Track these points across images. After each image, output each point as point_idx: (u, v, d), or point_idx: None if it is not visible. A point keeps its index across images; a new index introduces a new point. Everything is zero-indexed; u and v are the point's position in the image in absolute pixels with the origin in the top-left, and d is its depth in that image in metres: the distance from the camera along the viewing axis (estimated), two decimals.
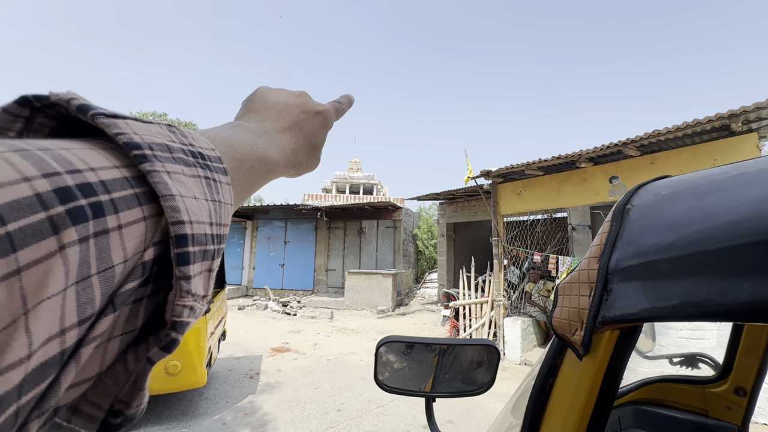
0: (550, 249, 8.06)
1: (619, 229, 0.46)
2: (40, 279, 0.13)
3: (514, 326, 5.61)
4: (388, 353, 0.78)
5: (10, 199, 0.12)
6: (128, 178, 0.17)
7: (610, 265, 0.44)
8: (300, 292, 11.72)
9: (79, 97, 0.17)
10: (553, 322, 0.53)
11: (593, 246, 0.49)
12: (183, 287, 0.18)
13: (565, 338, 0.50)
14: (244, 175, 0.27)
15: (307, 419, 3.55)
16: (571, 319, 0.49)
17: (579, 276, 0.49)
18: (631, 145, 4.40)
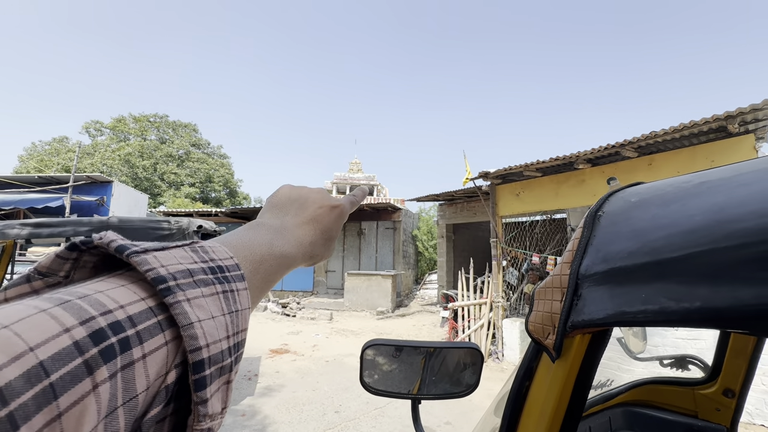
0: (550, 250, 8.06)
1: (590, 235, 0.47)
2: (77, 419, 0.15)
3: (512, 328, 5.61)
4: (375, 356, 0.79)
5: (53, 352, 0.15)
6: (152, 308, 0.19)
7: (580, 270, 0.45)
8: (299, 293, 11.74)
9: (117, 238, 0.21)
10: (528, 326, 0.53)
11: (566, 252, 0.50)
12: (200, 411, 0.19)
13: (539, 342, 0.51)
14: (263, 274, 0.29)
15: (305, 421, 3.56)
16: (544, 323, 0.49)
17: (552, 281, 0.50)
18: (628, 147, 4.40)
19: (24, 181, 11.95)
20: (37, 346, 0.14)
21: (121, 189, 12.93)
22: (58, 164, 25.03)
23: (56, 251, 0.20)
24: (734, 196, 0.35)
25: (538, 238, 8.14)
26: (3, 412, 0.13)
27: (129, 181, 25.23)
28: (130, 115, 30.72)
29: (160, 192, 26.43)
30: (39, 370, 0.14)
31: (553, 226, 8.49)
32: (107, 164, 25.51)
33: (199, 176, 29.28)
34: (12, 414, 0.13)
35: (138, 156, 26.83)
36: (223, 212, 11.99)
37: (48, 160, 25.95)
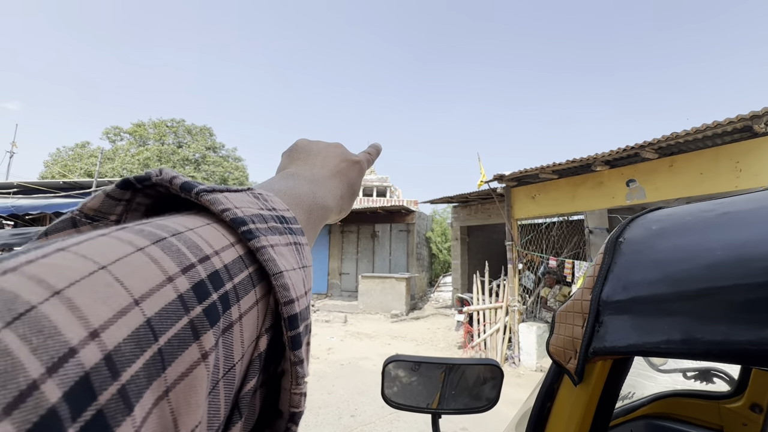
0: (567, 253, 7.94)
1: (611, 262, 0.48)
2: (186, 398, 0.11)
3: (529, 332, 5.54)
4: (396, 371, 0.80)
5: (160, 307, 0.11)
6: (242, 257, 0.16)
7: (602, 297, 0.46)
8: (314, 296, 11.84)
9: (179, 175, 0.17)
10: (549, 348, 0.54)
11: (588, 277, 0.51)
12: (299, 373, 0.17)
13: (561, 365, 0.52)
14: (312, 227, 0.26)
15: (321, 424, 3.60)
16: (565, 347, 0.50)
17: (574, 305, 0.51)
18: (648, 148, 4.31)
19: (50, 187, 12.43)
20: (141, 299, 0.11)
21: None
22: (81, 169, 25.92)
23: (106, 190, 0.17)
24: (756, 233, 0.35)
25: (555, 240, 8.02)
26: (114, 387, 0.10)
27: None
28: (149, 120, 31.60)
29: None
30: (147, 331, 0.11)
31: (570, 228, 8.36)
32: (127, 168, 26.29)
33: (214, 179, 29.86)
34: (125, 390, 0.10)
35: (156, 160, 27.56)
36: None
37: (72, 165, 26.91)
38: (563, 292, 6.13)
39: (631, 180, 4.74)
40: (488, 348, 5.70)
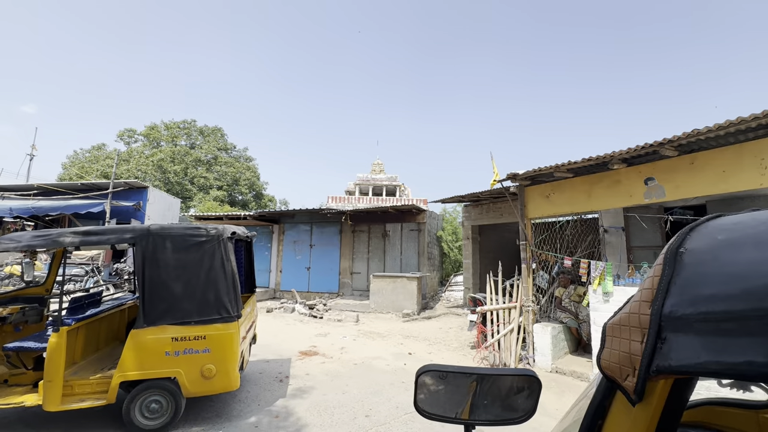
0: (581, 252, 7.81)
1: (672, 273, 0.45)
2: None
3: (544, 332, 5.47)
4: (428, 381, 0.79)
5: None
6: None
7: (663, 311, 0.44)
8: (326, 295, 11.88)
9: None
10: (601, 363, 0.52)
11: (644, 289, 0.48)
12: None
13: (615, 381, 0.49)
14: None
15: (336, 424, 3.60)
16: (621, 363, 0.48)
17: (629, 319, 0.49)
18: (668, 146, 4.20)
19: (68, 188, 12.71)
20: None
21: (155, 194, 13.52)
22: (97, 171, 26.44)
23: None
24: None
25: (569, 239, 7.90)
26: None
27: (162, 185, 26.31)
28: (162, 122, 32.08)
29: (191, 195, 27.42)
30: None
31: (585, 227, 8.22)
32: (142, 170, 26.73)
33: (226, 179, 30.20)
34: None
35: (170, 161, 27.97)
36: (251, 215, 12.30)
37: (88, 167, 27.47)
38: (578, 292, 6.03)
39: (650, 178, 4.63)
40: (502, 348, 5.65)
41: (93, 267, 11.12)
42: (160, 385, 3.34)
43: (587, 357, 5.53)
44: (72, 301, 3.76)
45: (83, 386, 3.30)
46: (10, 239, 3.35)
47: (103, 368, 3.59)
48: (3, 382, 3.62)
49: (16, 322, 4.00)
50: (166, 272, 3.41)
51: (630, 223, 7.67)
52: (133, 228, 3.50)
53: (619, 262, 7.05)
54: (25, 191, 12.54)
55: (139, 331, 3.29)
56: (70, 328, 3.35)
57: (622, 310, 0.52)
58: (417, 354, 6.13)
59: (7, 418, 3.56)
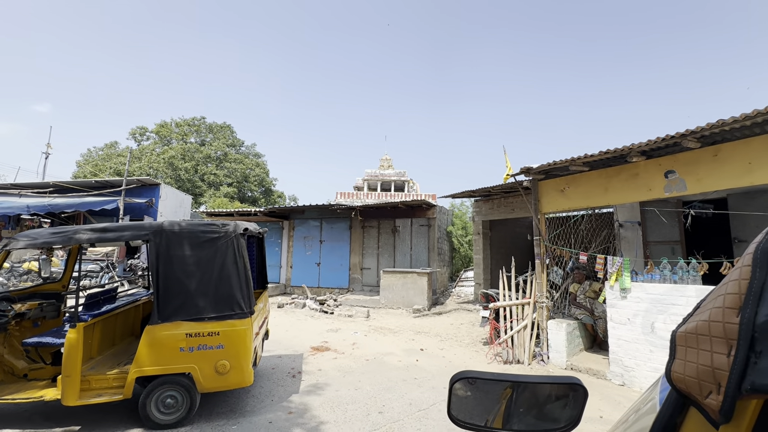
0: (596, 247, 7.66)
1: (765, 278, 0.39)
2: None
3: (558, 329, 5.38)
4: (463, 388, 0.74)
5: None
6: None
7: (757, 320, 0.38)
8: (336, 291, 11.91)
9: None
10: (673, 376, 0.46)
11: (728, 294, 0.42)
12: None
13: (693, 398, 0.44)
14: None
15: (349, 420, 3.59)
16: (701, 378, 0.42)
17: (710, 328, 0.43)
18: (690, 137, 4.05)
19: (83, 186, 12.92)
20: None
21: (167, 191, 13.66)
22: (111, 168, 26.86)
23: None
24: None
25: (584, 234, 7.75)
26: None
27: (173, 182, 26.63)
28: (172, 120, 32.40)
29: (201, 192, 27.71)
30: None
31: (600, 222, 8.06)
32: (153, 167, 27.06)
33: (236, 176, 30.42)
34: None
35: (180, 158, 28.26)
36: (261, 211, 12.36)
37: (102, 164, 27.91)
38: (593, 288, 5.91)
39: (670, 171, 4.49)
40: (515, 345, 5.58)
41: (108, 263, 11.32)
42: (175, 380, 3.36)
43: (603, 354, 5.42)
44: (88, 297, 3.81)
45: (100, 381, 3.33)
46: (28, 236, 3.38)
47: (119, 363, 3.63)
48: (23, 376, 3.68)
49: (34, 318, 4.07)
50: (179, 268, 3.42)
51: (646, 217, 7.50)
52: (147, 225, 3.51)
53: (635, 258, 6.89)
54: (42, 189, 12.78)
55: (153, 327, 3.30)
56: (87, 324, 3.38)
57: (697, 317, 0.46)
58: (429, 350, 6.10)
59: (28, 411, 3.63)
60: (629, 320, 4.66)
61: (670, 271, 4.58)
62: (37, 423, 3.41)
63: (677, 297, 4.28)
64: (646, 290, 4.57)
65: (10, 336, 3.79)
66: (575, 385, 0.69)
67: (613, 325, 4.83)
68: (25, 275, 10.12)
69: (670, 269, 4.59)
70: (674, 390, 0.47)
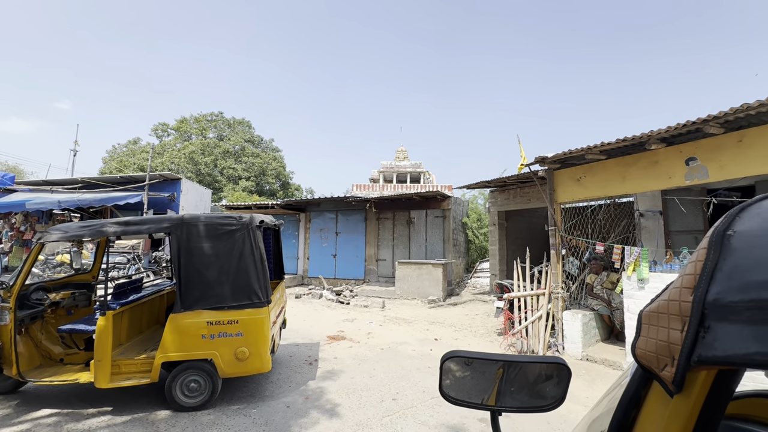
0: (614, 237, 7.50)
1: (717, 258, 0.42)
2: None
3: (574, 320, 5.33)
4: (453, 367, 0.78)
5: None
6: None
7: (707, 298, 0.41)
8: (352, 282, 12.08)
9: None
10: (636, 352, 0.50)
11: (685, 275, 0.45)
12: None
13: (651, 371, 0.47)
14: None
15: (364, 406, 3.69)
16: (659, 352, 0.46)
17: (668, 306, 0.46)
18: (713, 122, 3.91)
19: (109, 181, 13.44)
20: None
21: (188, 185, 14.06)
22: (134, 164, 27.76)
23: None
24: None
25: (601, 224, 7.59)
26: None
27: (194, 177, 27.31)
28: (191, 116, 33.10)
29: (221, 186, 28.33)
30: None
31: (618, 211, 7.87)
32: (175, 162, 27.81)
33: (254, 170, 30.93)
34: None
35: (200, 153, 28.92)
36: (279, 204, 12.58)
37: (126, 160, 28.87)
38: (611, 279, 5.82)
39: (692, 158, 4.34)
40: (530, 335, 5.57)
41: (134, 255, 11.80)
42: (198, 366, 3.53)
43: (620, 345, 5.36)
44: (116, 287, 4.02)
45: (129, 366, 3.54)
46: (59, 230, 3.59)
47: (146, 349, 3.83)
48: (59, 360, 3.94)
49: (68, 306, 4.33)
50: (199, 259, 3.57)
51: (668, 206, 7.27)
52: (168, 218, 3.67)
53: (656, 248, 6.72)
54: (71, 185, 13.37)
55: (177, 315, 3.47)
56: (115, 312, 3.58)
57: (660, 297, 0.49)
58: (443, 340, 6.15)
59: (65, 393, 3.89)
60: None
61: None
62: (73, 404, 3.66)
63: None
64: (664, 281, 4.48)
65: (46, 323, 4.05)
66: (560, 365, 0.72)
67: (630, 316, 4.76)
68: (59, 267, 10.68)
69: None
70: (639, 365, 0.50)
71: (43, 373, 3.62)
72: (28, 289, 3.85)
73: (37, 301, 3.90)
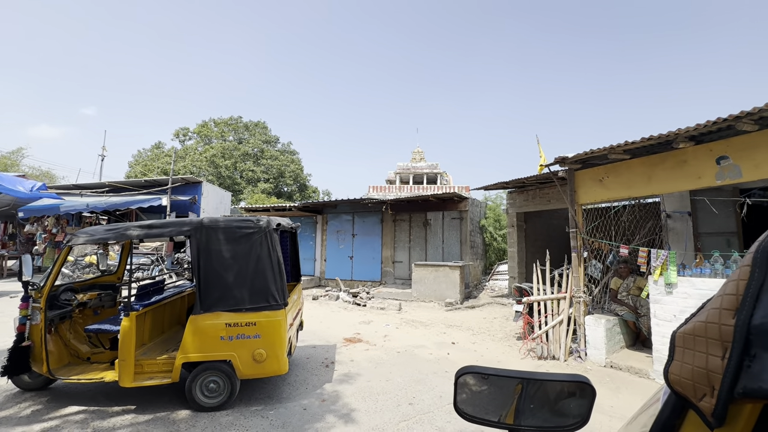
0: (639, 240, 7.23)
1: (764, 278, 0.38)
2: None
3: (597, 325, 5.16)
4: (469, 383, 0.75)
5: None
6: None
7: (753, 322, 0.37)
8: (368, 283, 12.08)
9: None
10: (670, 378, 0.46)
11: (725, 295, 0.41)
12: None
13: (688, 401, 0.43)
14: None
15: (380, 410, 3.67)
16: (696, 380, 0.42)
17: (706, 329, 0.42)
18: (746, 119, 3.71)
19: (134, 185, 13.92)
20: None
21: (209, 188, 14.41)
22: (158, 168, 28.66)
23: None
24: None
25: (626, 226, 7.34)
26: None
27: (214, 180, 27.98)
28: (212, 120, 33.95)
29: (240, 188, 28.91)
30: None
31: (644, 213, 7.59)
32: (196, 165, 28.57)
33: (272, 172, 31.44)
34: None
35: (221, 157, 29.62)
36: (296, 206, 12.72)
37: (150, 164, 29.85)
38: (638, 284, 5.59)
39: (723, 157, 4.14)
40: (550, 340, 5.42)
41: (158, 256, 12.16)
42: (217, 367, 3.59)
43: (647, 352, 5.15)
44: (139, 289, 4.14)
45: (151, 366, 3.63)
46: (86, 233, 3.72)
47: (167, 350, 3.92)
48: (86, 359, 4.08)
49: (94, 307, 4.48)
50: (218, 262, 3.63)
51: (697, 207, 6.96)
52: (188, 221, 3.75)
53: (685, 251, 6.44)
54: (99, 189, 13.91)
55: (196, 316, 3.54)
56: (139, 313, 3.69)
57: (696, 318, 0.45)
58: (460, 343, 6.07)
59: (91, 390, 4.02)
60: (675, 317, 4.39)
61: (722, 265, 4.24)
62: (99, 401, 3.78)
63: None
64: (694, 285, 4.28)
65: (74, 323, 4.20)
66: (583, 384, 0.68)
67: (657, 322, 4.56)
68: (88, 267, 11.11)
69: (722, 263, 4.26)
70: (672, 391, 0.46)
71: (71, 371, 3.76)
72: (58, 289, 4.00)
73: (66, 302, 4.05)
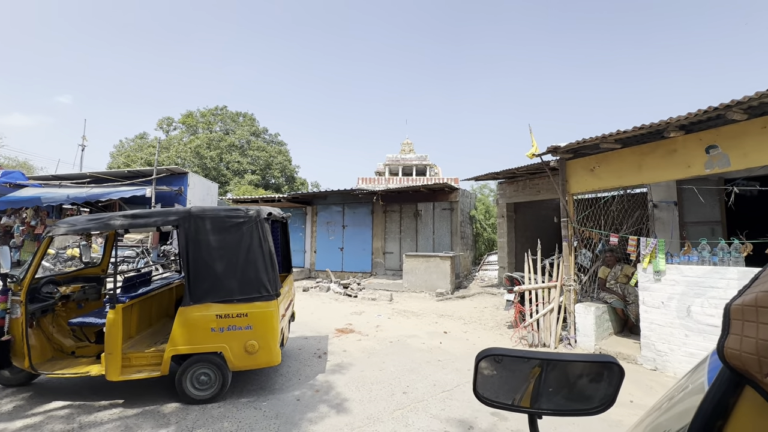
0: (627, 229, 7.35)
1: None
2: None
3: (587, 313, 5.24)
4: (489, 366, 0.71)
5: None
6: None
7: None
8: (359, 275, 12.05)
9: None
10: (726, 353, 0.42)
11: None
12: None
13: (749, 376, 0.39)
14: None
15: (374, 400, 3.66)
16: (761, 354, 0.38)
17: None
18: (735, 108, 3.75)
19: (117, 176, 13.50)
20: None
21: (195, 179, 14.08)
22: (141, 158, 27.91)
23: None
24: None
25: (614, 216, 7.45)
26: None
27: (200, 171, 27.42)
28: (197, 110, 33.13)
29: (227, 180, 28.41)
30: None
31: (632, 202, 7.70)
32: (181, 156, 27.91)
33: (259, 164, 30.95)
34: None
35: (206, 147, 28.98)
36: (285, 197, 12.55)
37: (133, 155, 29.04)
38: (625, 272, 5.69)
39: (712, 146, 4.19)
40: (541, 328, 5.49)
41: (143, 249, 11.88)
42: (207, 359, 3.51)
43: (634, 338, 5.26)
44: (125, 281, 4.01)
45: (139, 359, 3.53)
46: (68, 223, 3.57)
47: (156, 342, 3.83)
48: (71, 353, 3.96)
49: (78, 300, 4.34)
50: (207, 252, 3.53)
51: (684, 196, 7.10)
52: (175, 211, 3.63)
53: (671, 239, 6.57)
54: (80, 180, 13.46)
55: (186, 308, 3.45)
56: (125, 305, 3.57)
57: (756, 288, 0.41)
58: (452, 333, 6.10)
59: (77, 385, 3.91)
60: (663, 304, 4.48)
61: (709, 253, 4.33)
62: (85, 396, 3.67)
63: (717, 279, 4.06)
64: (682, 272, 4.36)
65: (57, 316, 4.06)
66: (610, 364, 0.65)
67: (646, 309, 4.65)
68: (69, 261, 10.79)
69: (709, 251, 4.34)
70: (727, 368, 0.42)
71: (54, 365, 3.64)
72: (39, 282, 3.85)
73: (48, 295, 3.91)
